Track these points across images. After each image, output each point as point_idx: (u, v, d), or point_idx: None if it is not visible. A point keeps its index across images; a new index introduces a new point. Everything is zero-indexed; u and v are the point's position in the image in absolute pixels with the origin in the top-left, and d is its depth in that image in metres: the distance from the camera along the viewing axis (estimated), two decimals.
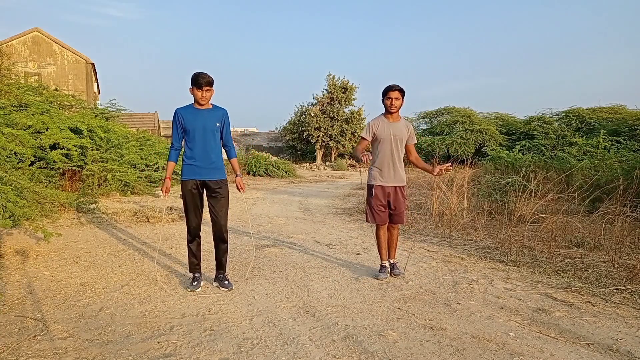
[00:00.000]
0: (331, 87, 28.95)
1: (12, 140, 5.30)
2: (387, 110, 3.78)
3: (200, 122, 3.36)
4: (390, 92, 3.72)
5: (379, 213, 3.81)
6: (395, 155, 3.78)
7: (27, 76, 17.68)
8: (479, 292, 3.58)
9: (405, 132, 3.81)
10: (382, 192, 3.80)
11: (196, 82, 3.29)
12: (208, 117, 3.38)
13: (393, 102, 3.71)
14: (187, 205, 3.44)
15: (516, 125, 25.87)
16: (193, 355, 2.37)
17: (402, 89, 3.74)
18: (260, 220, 6.91)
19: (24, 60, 21.59)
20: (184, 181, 3.41)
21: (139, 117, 26.13)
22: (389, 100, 3.73)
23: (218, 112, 3.45)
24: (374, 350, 2.48)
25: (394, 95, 3.71)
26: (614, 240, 4.77)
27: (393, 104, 3.72)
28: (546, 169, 8.54)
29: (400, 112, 3.86)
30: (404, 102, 3.77)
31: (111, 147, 8.99)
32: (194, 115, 3.37)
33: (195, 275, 3.54)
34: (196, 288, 3.44)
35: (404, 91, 3.75)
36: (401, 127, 3.80)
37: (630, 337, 2.76)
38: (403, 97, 3.76)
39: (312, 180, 17.19)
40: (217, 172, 3.45)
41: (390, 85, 3.74)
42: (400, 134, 3.78)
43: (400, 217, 3.86)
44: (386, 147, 3.76)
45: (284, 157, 26.18)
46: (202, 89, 3.30)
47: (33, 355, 2.31)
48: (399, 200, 3.82)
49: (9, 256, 4.14)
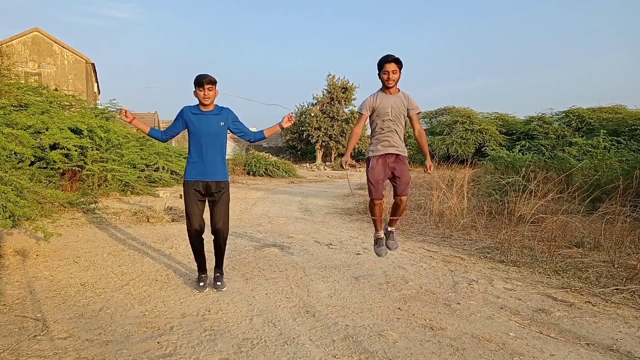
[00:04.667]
0: (331, 87, 28.97)
1: (12, 140, 5.30)
2: (385, 84, 3.46)
3: (204, 125, 3.38)
4: (386, 64, 3.37)
5: (375, 186, 3.55)
6: (395, 129, 3.51)
7: (27, 76, 17.69)
8: (479, 292, 3.58)
9: (404, 104, 3.51)
10: (381, 162, 3.54)
11: (198, 82, 3.31)
12: (212, 120, 3.41)
13: (390, 75, 3.39)
14: (188, 206, 3.44)
15: (516, 125, 25.87)
16: (193, 355, 2.37)
17: (399, 59, 3.38)
18: (260, 220, 6.91)
19: (24, 60, 21.58)
20: (186, 181, 3.42)
21: (139, 117, 26.10)
22: (385, 74, 3.40)
23: (221, 113, 3.47)
24: (374, 350, 2.48)
25: (390, 68, 3.37)
26: (614, 240, 4.77)
27: (390, 78, 3.40)
28: (546, 169, 8.54)
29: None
30: (401, 75, 3.44)
31: (111, 147, 8.98)
32: (199, 117, 3.40)
33: (202, 275, 3.54)
34: (203, 289, 3.44)
35: (401, 62, 3.39)
36: (400, 100, 3.50)
37: (630, 337, 2.76)
38: (400, 68, 3.42)
39: (312, 180, 17.19)
40: (219, 174, 3.44)
41: (386, 55, 3.38)
42: (399, 107, 3.48)
43: (403, 187, 3.57)
44: (385, 122, 3.50)
45: (284, 157, 26.17)
46: (204, 88, 3.31)
47: (33, 355, 2.31)
48: (401, 169, 3.54)
49: (9, 256, 4.14)
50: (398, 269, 4.18)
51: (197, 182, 3.39)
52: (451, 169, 9.94)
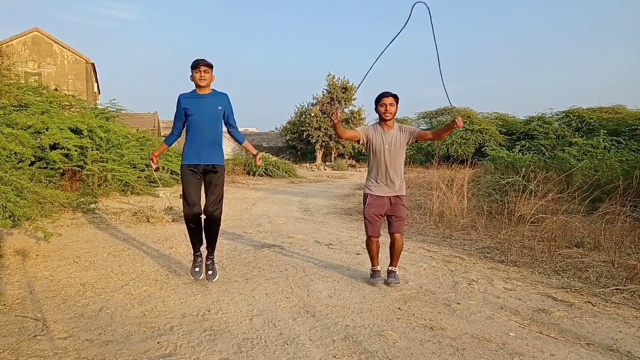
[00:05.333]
0: (331, 87, 28.97)
1: (12, 140, 5.30)
2: (382, 117, 3.59)
3: (201, 107, 3.44)
4: (384, 98, 3.54)
5: (372, 223, 3.64)
6: (392, 167, 3.58)
7: (27, 76, 17.68)
8: (479, 292, 3.58)
9: (402, 138, 3.60)
10: (377, 201, 3.62)
11: (194, 65, 3.40)
12: (209, 102, 3.47)
13: (387, 108, 3.53)
14: (185, 185, 3.50)
15: (516, 125, 25.88)
16: (193, 355, 2.37)
17: (396, 95, 3.57)
18: (260, 220, 6.91)
19: (24, 60, 21.57)
20: (183, 164, 3.50)
21: (139, 117, 26.12)
22: (382, 107, 3.55)
23: (219, 97, 3.53)
24: (374, 350, 2.48)
25: (388, 102, 3.53)
26: (614, 240, 4.77)
27: (388, 110, 3.54)
28: (546, 169, 8.53)
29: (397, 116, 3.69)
30: (398, 108, 3.59)
31: (111, 147, 8.98)
32: (196, 101, 3.46)
33: (196, 255, 3.59)
34: (198, 275, 3.52)
35: (397, 97, 3.58)
36: (396, 135, 3.60)
37: (630, 337, 2.76)
38: (397, 103, 3.58)
39: (312, 180, 17.19)
40: (215, 157, 3.51)
41: (383, 92, 3.57)
42: (396, 142, 3.59)
43: (398, 223, 3.64)
44: (380, 158, 3.59)
45: (284, 157, 26.19)
46: (200, 70, 3.39)
47: (33, 355, 2.31)
48: (398, 207, 3.63)
49: (9, 256, 4.14)
50: (398, 269, 4.17)
51: (194, 165, 3.46)
52: (451, 169, 9.94)
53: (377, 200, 3.63)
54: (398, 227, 3.66)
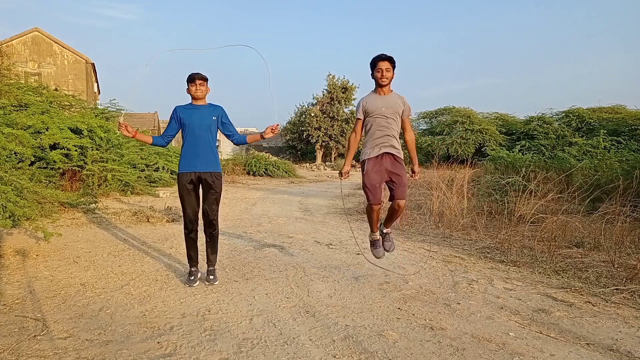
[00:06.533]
0: (331, 87, 28.98)
1: (12, 140, 5.30)
2: (378, 83, 3.44)
3: (196, 118, 3.53)
4: (380, 62, 3.37)
5: (373, 190, 3.46)
6: (391, 128, 3.44)
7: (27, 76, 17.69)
8: (479, 292, 3.58)
9: (399, 104, 3.46)
10: (376, 164, 3.46)
11: (190, 79, 3.51)
12: (204, 113, 3.56)
13: (384, 73, 3.37)
14: (182, 198, 3.57)
15: (516, 125, 25.88)
16: (193, 355, 2.37)
17: (392, 58, 3.38)
18: (260, 220, 6.91)
19: (24, 60, 21.58)
20: (180, 174, 3.56)
21: (139, 117, 26.15)
22: (379, 72, 3.38)
23: (213, 108, 3.63)
24: (374, 350, 2.48)
25: (384, 66, 3.37)
26: (614, 240, 4.77)
27: (384, 75, 3.38)
28: (546, 169, 8.53)
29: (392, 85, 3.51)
30: (395, 74, 3.43)
31: (111, 147, 8.98)
32: (191, 112, 3.56)
33: (192, 269, 3.64)
34: (193, 283, 3.54)
35: (394, 61, 3.39)
36: (394, 100, 3.46)
37: (630, 337, 2.76)
38: (394, 67, 3.41)
39: (312, 180, 17.19)
40: (211, 165, 3.57)
41: (379, 54, 3.38)
42: (393, 107, 3.44)
43: (400, 190, 3.47)
44: (379, 121, 3.45)
45: (284, 157, 26.19)
46: (195, 83, 3.50)
47: (33, 355, 2.31)
48: (398, 171, 3.46)
49: (9, 256, 4.13)
50: (398, 269, 4.18)
51: (191, 173, 3.53)
52: (451, 169, 9.94)
53: (376, 164, 3.47)
54: (401, 194, 3.48)
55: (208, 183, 3.55)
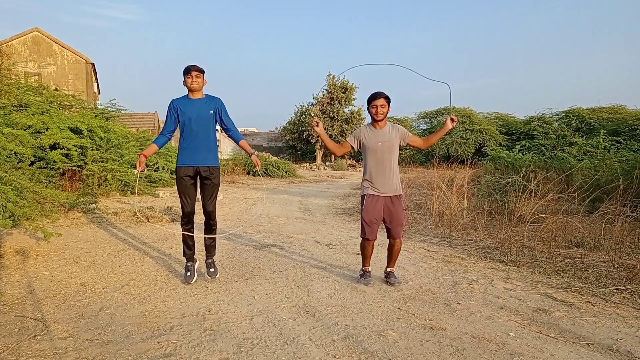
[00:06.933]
0: (331, 87, 28.96)
1: (12, 140, 5.30)
2: (373, 118, 3.65)
3: (194, 111, 3.51)
4: (375, 100, 3.59)
5: (370, 226, 3.61)
6: (386, 164, 3.61)
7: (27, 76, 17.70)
8: (479, 292, 3.58)
9: (394, 135, 3.64)
10: (375, 201, 3.61)
11: (186, 70, 3.48)
12: (201, 106, 3.54)
13: (379, 109, 3.58)
14: (180, 191, 3.57)
15: (516, 125, 25.90)
16: (193, 355, 2.37)
17: (387, 96, 3.62)
18: (260, 220, 6.90)
19: (24, 60, 21.58)
20: (178, 167, 3.55)
21: (139, 117, 26.14)
22: (374, 108, 3.60)
23: (211, 101, 3.60)
24: (374, 350, 2.48)
25: (379, 103, 3.58)
26: (614, 240, 4.77)
27: (379, 111, 3.58)
28: (546, 169, 8.53)
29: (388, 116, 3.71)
30: (390, 108, 3.64)
31: (111, 147, 8.99)
32: (188, 105, 3.53)
33: (188, 264, 3.64)
34: (191, 279, 3.55)
35: (389, 98, 3.63)
36: (389, 133, 3.65)
37: (630, 337, 2.76)
38: (389, 103, 3.63)
39: (312, 180, 17.19)
40: (209, 159, 3.56)
41: (375, 93, 3.62)
42: (388, 140, 3.62)
43: (397, 229, 3.64)
44: (375, 156, 3.62)
45: (284, 157, 26.19)
46: (191, 75, 3.47)
47: (33, 355, 2.31)
48: (394, 211, 3.61)
49: (9, 256, 4.13)
50: (398, 269, 4.17)
51: (189, 167, 3.52)
52: (451, 169, 9.94)
53: (376, 201, 3.62)
54: (397, 233, 3.67)
55: (206, 177, 3.55)
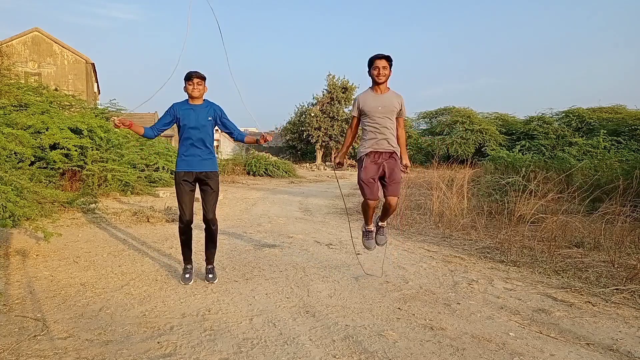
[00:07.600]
0: (331, 87, 28.98)
1: (12, 140, 5.30)
2: (375, 80, 3.49)
3: (193, 117, 3.52)
4: (377, 60, 3.42)
5: (369, 186, 3.50)
6: (386, 127, 3.49)
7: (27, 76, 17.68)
8: (479, 292, 3.58)
9: (395, 105, 3.51)
10: (373, 160, 3.50)
11: (187, 77, 3.50)
12: (200, 112, 3.55)
13: (380, 71, 3.42)
14: (179, 196, 3.58)
15: (516, 125, 25.90)
16: (193, 355, 2.37)
17: (389, 56, 3.44)
18: (260, 220, 6.90)
19: (24, 60, 21.58)
20: (177, 172, 3.56)
21: (139, 117, 26.13)
22: (375, 69, 3.43)
23: (210, 107, 3.61)
24: (374, 350, 2.48)
25: (380, 64, 3.41)
26: (614, 240, 4.77)
27: (381, 73, 3.43)
28: (546, 169, 8.54)
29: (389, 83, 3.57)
30: (392, 72, 3.47)
31: (111, 147, 8.98)
32: (188, 111, 3.55)
33: (187, 267, 3.66)
34: (188, 281, 3.57)
35: (391, 59, 3.44)
36: (390, 98, 3.50)
37: (630, 337, 2.76)
38: (391, 65, 3.46)
39: (312, 180, 17.19)
40: (208, 164, 3.57)
41: (376, 54, 3.44)
42: (389, 105, 3.48)
43: (394, 187, 3.51)
44: (375, 120, 3.50)
45: (284, 157, 26.19)
46: (192, 82, 3.48)
47: (33, 355, 2.31)
48: (392, 167, 3.49)
49: (9, 256, 4.14)
50: (398, 269, 4.18)
51: (187, 173, 3.53)
52: (451, 169, 9.94)
53: (372, 161, 3.52)
54: (394, 190, 3.53)
55: (205, 182, 3.57)
